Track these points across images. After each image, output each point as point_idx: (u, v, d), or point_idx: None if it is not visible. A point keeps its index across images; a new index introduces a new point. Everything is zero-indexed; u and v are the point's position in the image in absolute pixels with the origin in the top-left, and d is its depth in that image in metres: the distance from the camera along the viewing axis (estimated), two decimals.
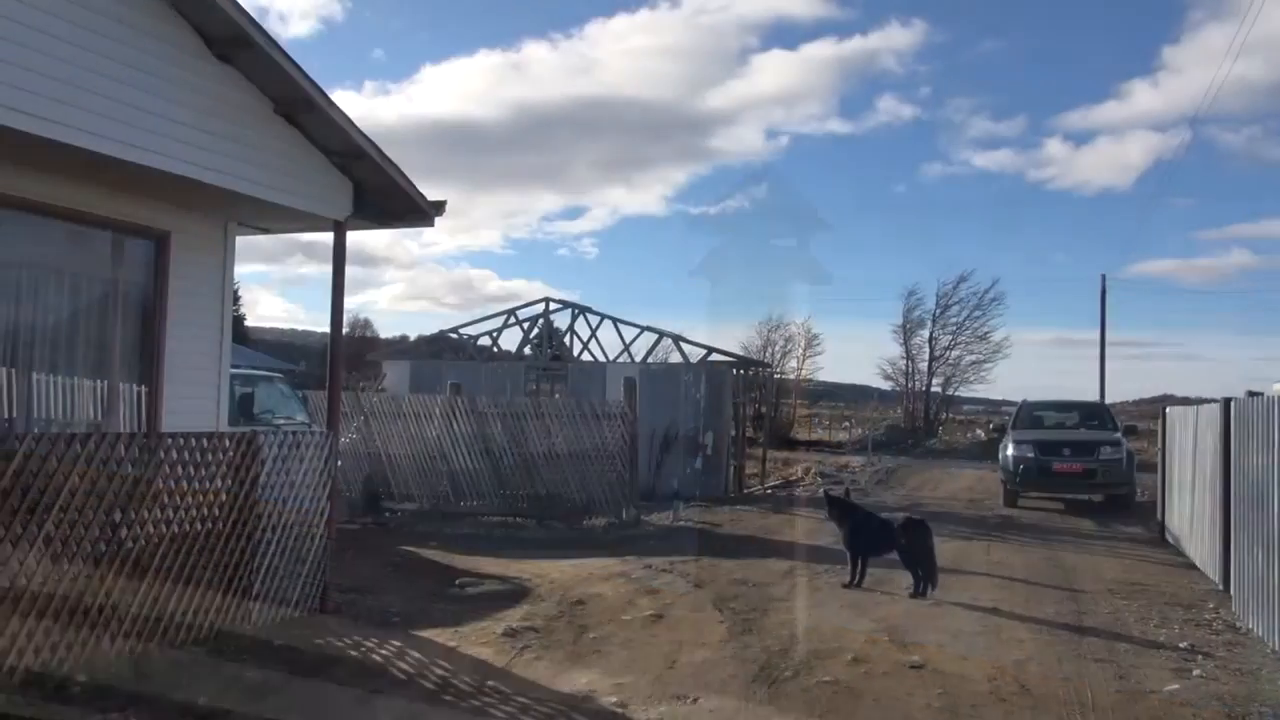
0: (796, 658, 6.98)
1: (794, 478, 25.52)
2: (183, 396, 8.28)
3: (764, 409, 32.05)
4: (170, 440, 6.86)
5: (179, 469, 6.86)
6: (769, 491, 21.88)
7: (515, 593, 9.52)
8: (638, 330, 23.15)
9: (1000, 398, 58.59)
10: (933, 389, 49.24)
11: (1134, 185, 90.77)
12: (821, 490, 19.70)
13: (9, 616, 5.69)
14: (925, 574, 9.32)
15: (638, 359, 22.79)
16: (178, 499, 6.85)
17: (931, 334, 48.72)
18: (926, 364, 48.80)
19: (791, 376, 51.96)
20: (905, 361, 49.52)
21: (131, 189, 7.41)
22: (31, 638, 5.82)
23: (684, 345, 22.73)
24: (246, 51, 6.97)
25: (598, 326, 23.46)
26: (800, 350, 52.05)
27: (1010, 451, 18.21)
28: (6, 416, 7.21)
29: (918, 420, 48.09)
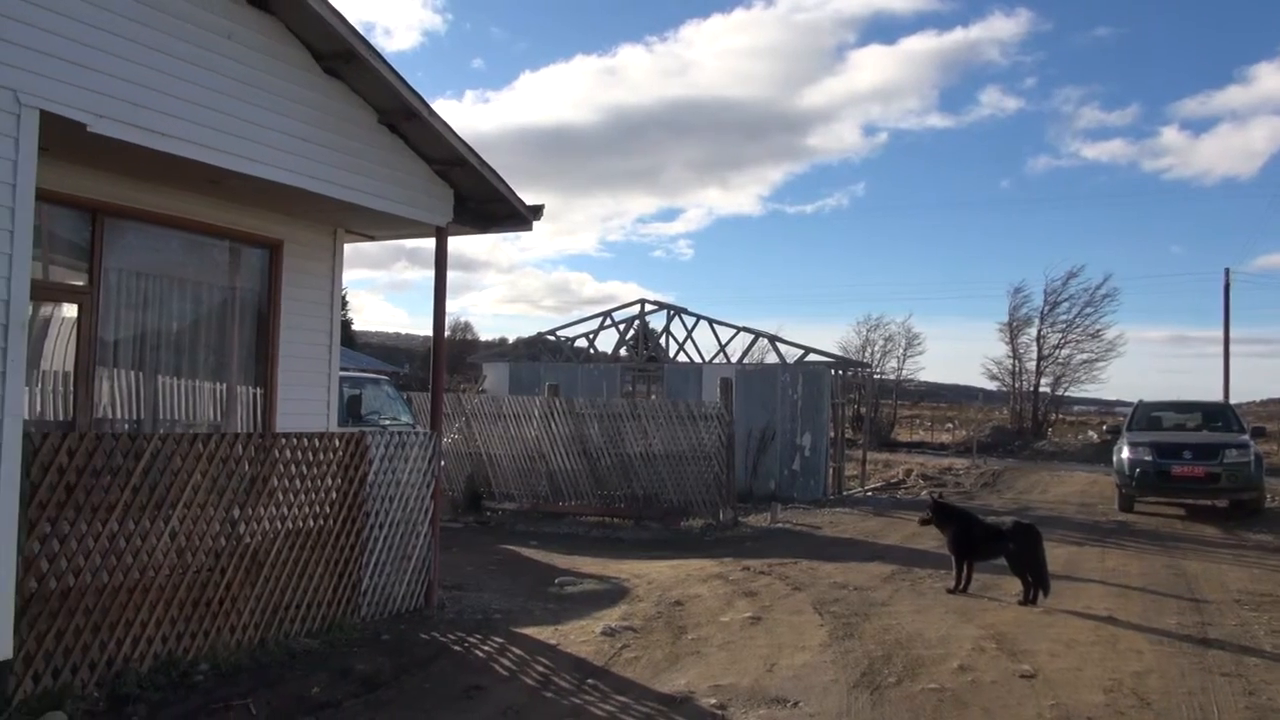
0: (900, 664, 6.82)
1: (895, 480, 24.99)
2: (295, 398, 8.61)
3: (863, 410, 31.52)
4: (284, 440, 7.14)
5: (292, 468, 7.14)
6: (869, 494, 21.48)
7: (613, 592, 9.58)
8: (734, 331, 23.06)
9: (1114, 398, 56.32)
10: (1041, 389, 47.50)
11: (1259, 173, 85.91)
12: (924, 493, 19.25)
13: (139, 606, 6.03)
14: (1035, 580, 8.99)
15: (734, 359, 22.68)
16: (291, 496, 7.12)
17: (1040, 332, 47.03)
18: (1034, 363, 47.13)
19: (891, 377, 50.93)
20: (1012, 361, 47.95)
21: (246, 200, 7.76)
22: (159, 626, 6.15)
23: (780, 345, 22.52)
24: (353, 65, 7.21)
25: (693, 327, 23.46)
26: (900, 350, 50.99)
27: (1125, 454, 17.42)
28: (136, 417, 7.63)
29: (1025, 421, 46.48)
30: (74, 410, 7.04)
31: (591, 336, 24.49)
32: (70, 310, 7.09)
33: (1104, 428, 32.93)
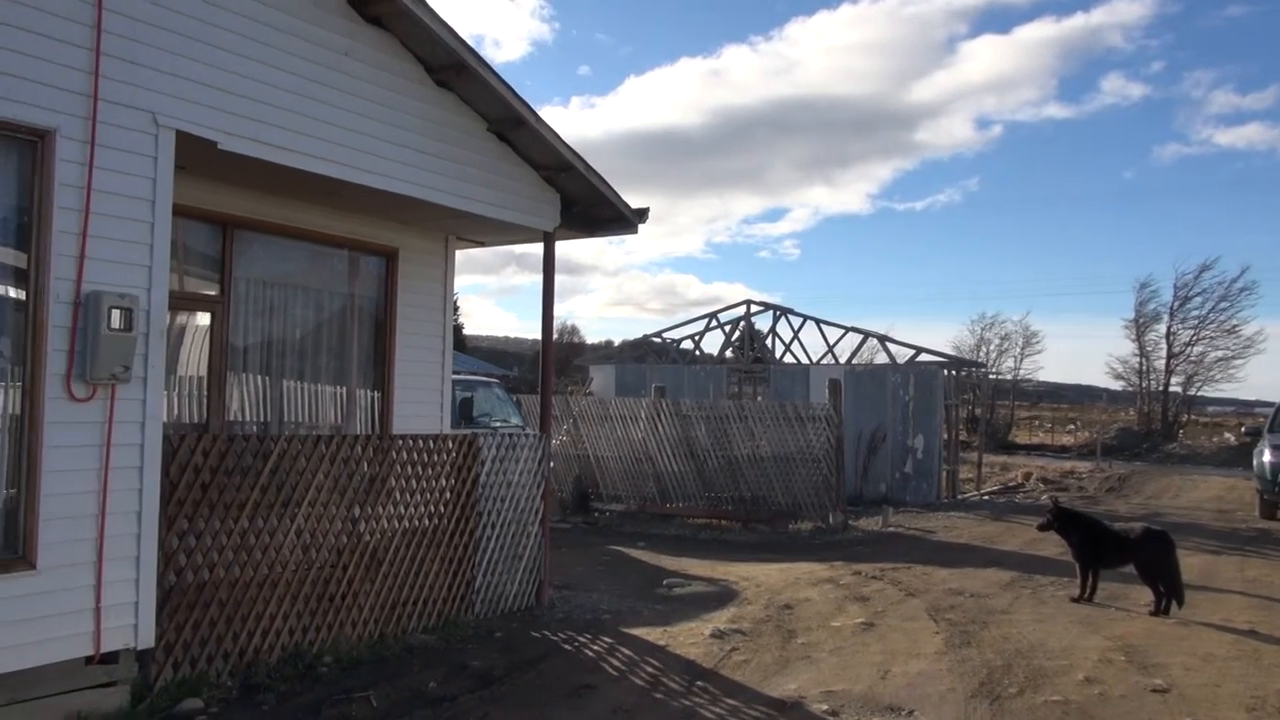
0: (1021, 674, 6.57)
1: (1013, 483, 24.12)
2: (410, 401, 8.89)
3: (978, 411, 30.54)
4: (401, 441, 7.38)
5: (409, 468, 7.37)
6: (985, 498, 20.79)
7: (722, 595, 9.54)
8: (841, 331, 22.67)
9: (1253, 397, 52.99)
10: (1171, 388, 45.03)
11: None
12: (1044, 497, 18.56)
13: (268, 600, 6.32)
14: (1168, 590, 8.53)
15: (842, 360, 22.32)
16: (408, 496, 7.35)
17: (1169, 329, 44.54)
18: (1163, 361, 44.70)
19: (1008, 377, 49.18)
20: (1139, 359, 45.58)
21: (363, 210, 8.05)
22: (287, 620, 6.43)
23: (890, 345, 22.04)
24: (463, 76, 7.39)
25: (800, 328, 23.18)
26: (1018, 349, 49.16)
27: (1267, 457, 16.37)
28: (263, 420, 8.00)
29: (1154, 422, 44.14)
30: (207, 413, 7.44)
31: (697, 338, 24.47)
32: (203, 318, 7.48)
33: (1242, 429, 31.06)
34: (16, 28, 4.93)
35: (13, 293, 5.08)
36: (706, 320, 24.32)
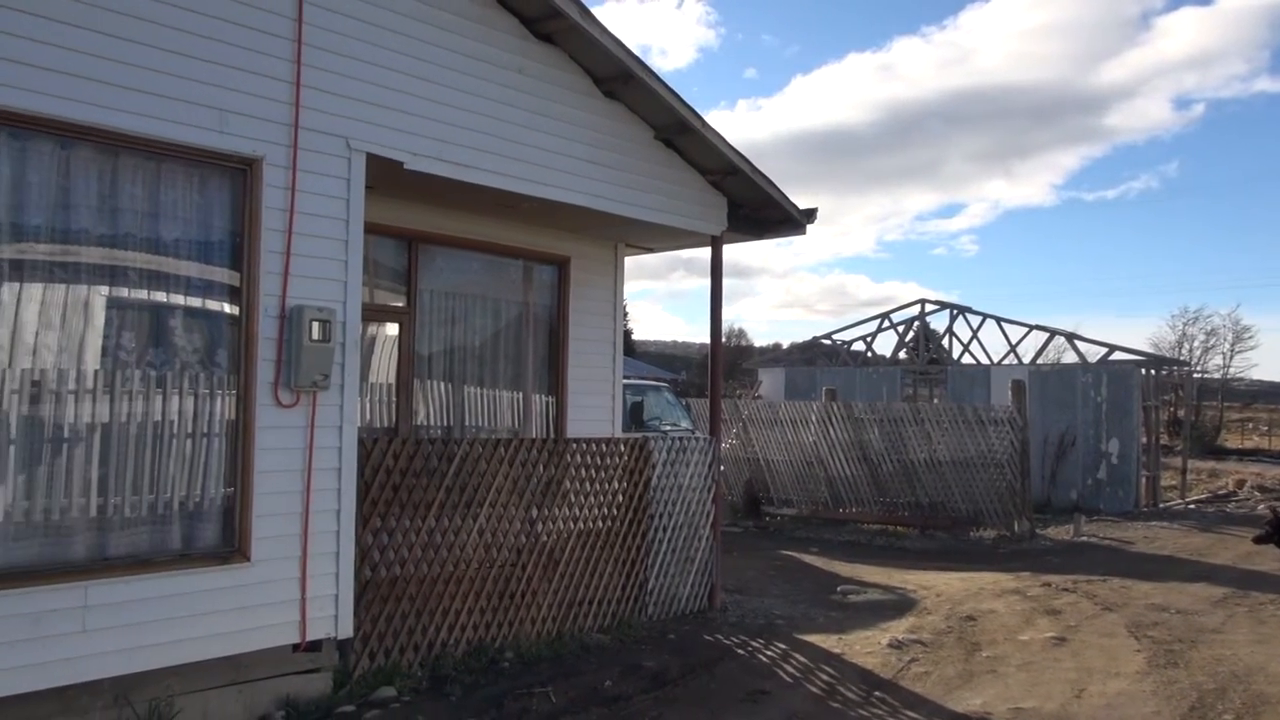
0: (1237, 699, 6.03)
1: (1223, 491, 22.16)
2: (583, 405, 9.11)
3: (1181, 413, 28.29)
4: (575, 445, 7.57)
5: (582, 471, 7.55)
6: (1191, 506, 19.20)
7: (900, 603, 9.26)
8: (1025, 329, 21.52)
9: None
10: None
11: None
12: (1261, 506, 17.04)
13: (454, 596, 6.63)
14: None
15: (1025, 360, 21.17)
16: (582, 498, 7.54)
17: None
18: None
19: (1216, 376, 45.25)
20: None
21: (536, 221, 8.32)
22: (471, 615, 6.73)
23: (1079, 343, 20.74)
24: (630, 86, 7.53)
25: (979, 327, 22.16)
26: (1227, 345, 45.15)
27: None
28: (446, 424, 8.41)
29: None
30: (396, 418, 7.88)
31: (869, 339, 23.86)
32: (392, 328, 7.94)
33: None
34: (230, 67, 5.40)
35: (227, 308, 5.57)
36: (879, 321, 23.68)
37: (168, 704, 5.11)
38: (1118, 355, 19.78)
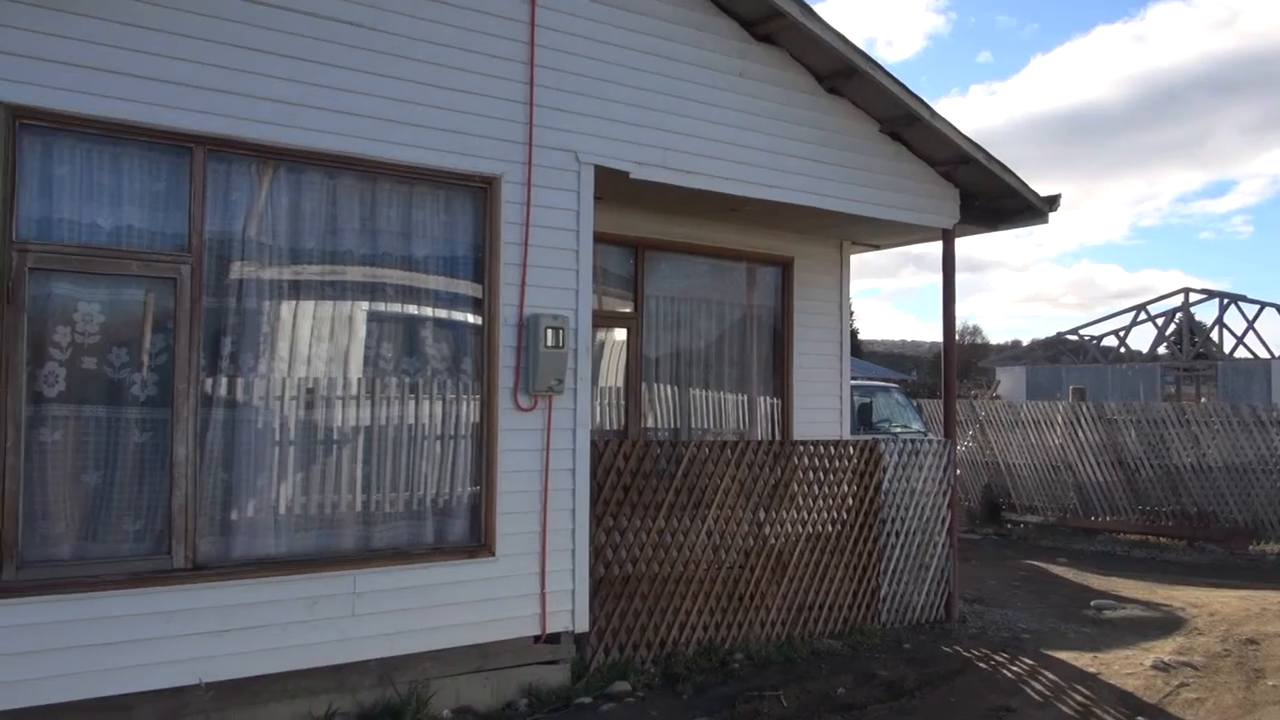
0: None
1: None
2: (809, 407, 8.99)
3: None
4: (801, 447, 7.49)
5: (810, 474, 7.45)
6: None
7: (1165, 622, 8.45)
8: None
9: None
10: None
11: None
12: None
13: (684, 596, 6.74)
14: None
15: None
16: (810, 501, 7.43)
17: None
18: None
19: None
20: None
21: (759, 223, 8.31)
22: (700, 615, 6.81)
23: None
24: (853, 80, 7.35)
25: (1255, 317, 19.88)
26: None
27: None
28: (673, 426, 8.56)
29: None
30: (625, 420, 8.12)
31: (1121, 334, 22.02)
32: (620, 334, 8.19)
33: None
34: (471, 93, 5.78)
35: (471, 318, 5.95)
36: (1133, 313, 21.81)
37: (424, 686, 5.52)
38: None
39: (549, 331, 5.89)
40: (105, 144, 4.83)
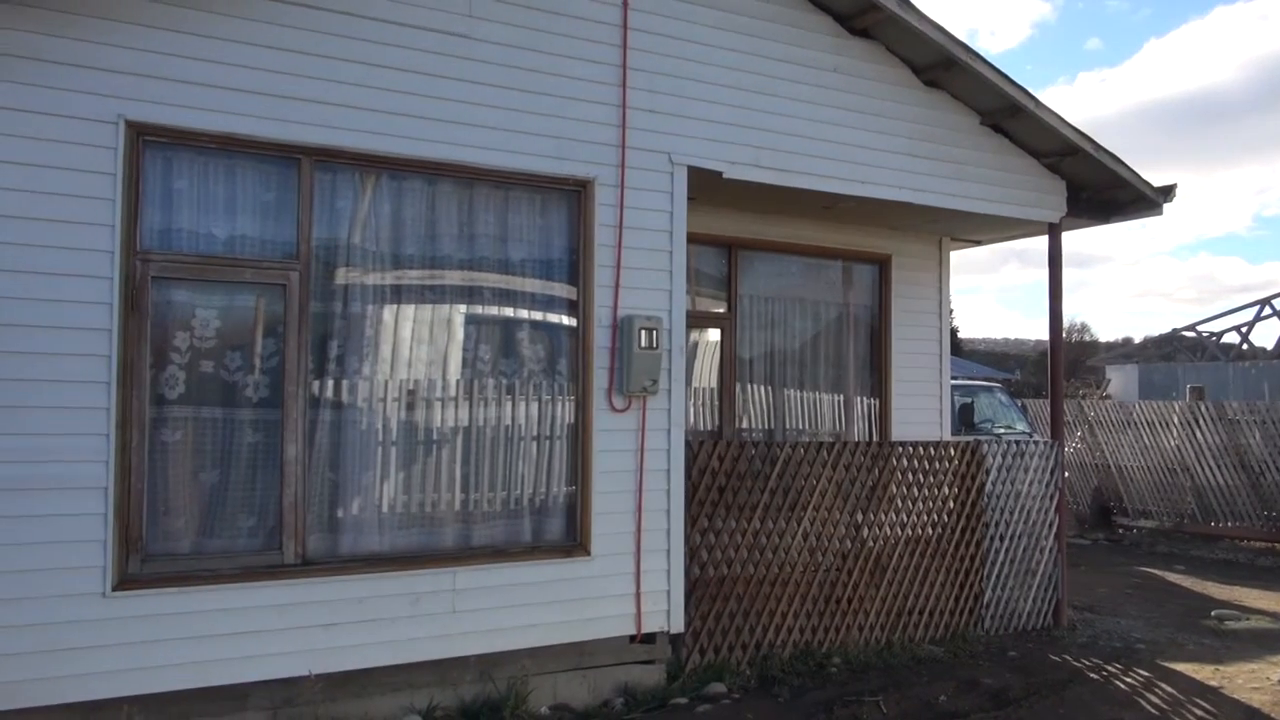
0: None
1: None
2: (907, 408, 8.79)
3: None
4: (900, 448, 7.33)
5: (909, 475, 7.29)
6: None
7: None
8: None
9: None
10: None
11: None
12: None
13: (779, 598, 6.67)
14: None
15: None
16: (909, 504, 7.27)
17: None
18: None
19: None
20: None
21: (855, 220, 8.16)
22: (797, 618, 6.73)
23: None
24: (952, 72, 7.16)
25: None
26: None
27: None
28: (767, 427, 8.49)
29: None
30: (719, 421, 8.08)
31: (1244, 330, 20.89)
32: (713, 334, 8.16)
33: None
34: (565, 98, 5.85)
35: (566, 320, 6.02)
36: (1257, 308, 20.67)
37: (523, 683, 5.61)
38: None
39: (642, 332, 5.91)
40: (220, 157, 5.06)
